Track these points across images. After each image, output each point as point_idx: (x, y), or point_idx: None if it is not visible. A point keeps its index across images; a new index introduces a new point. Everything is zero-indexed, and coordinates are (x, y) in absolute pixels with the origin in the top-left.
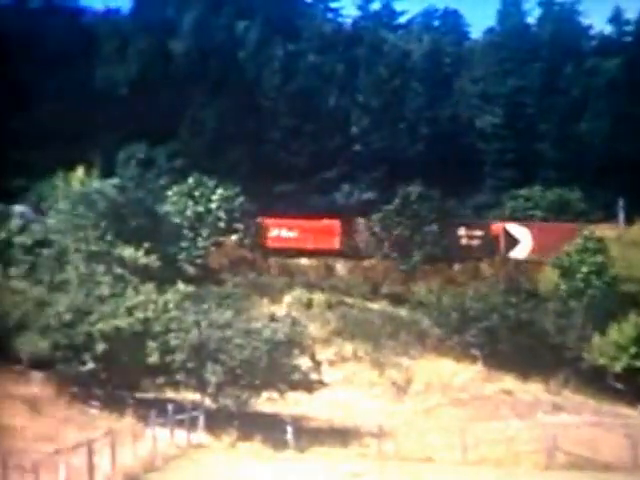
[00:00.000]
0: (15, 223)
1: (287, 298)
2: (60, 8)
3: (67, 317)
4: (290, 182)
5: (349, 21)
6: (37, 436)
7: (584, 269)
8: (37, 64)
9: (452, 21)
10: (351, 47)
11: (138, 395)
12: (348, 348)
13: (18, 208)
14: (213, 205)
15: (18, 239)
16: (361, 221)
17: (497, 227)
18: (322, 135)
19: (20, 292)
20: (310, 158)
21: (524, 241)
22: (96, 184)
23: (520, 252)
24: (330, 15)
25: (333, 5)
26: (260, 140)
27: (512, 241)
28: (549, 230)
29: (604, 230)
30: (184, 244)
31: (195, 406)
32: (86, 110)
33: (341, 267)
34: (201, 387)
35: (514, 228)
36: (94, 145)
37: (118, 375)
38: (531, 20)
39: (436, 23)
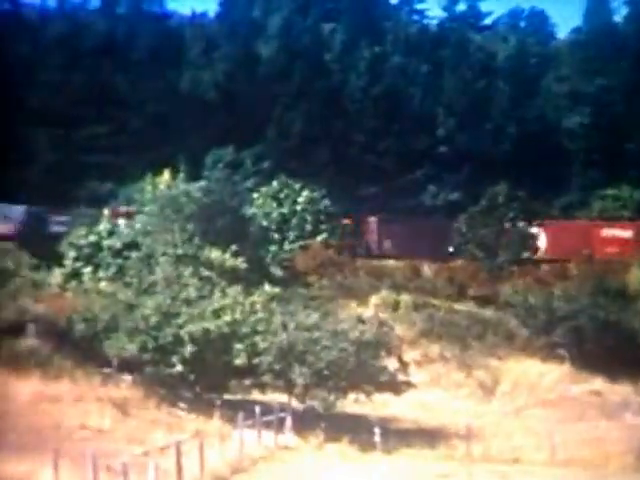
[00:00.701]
0: (104, 226)
1: (374, 299)
2: (148, 13)
3: (155, 320)
4: (376, 184)
5: (434, 22)
6: (126, 438)
7: None
8: (125, 69)
9: (538, 21)
10: (436, 48)
11: (226, 397)
12: (435, 349)
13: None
14: (299, 207)
15: (107, 242)
16: (372, 220)
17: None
18: (408, 136)
19: (109, 295)
20: (396, 160)
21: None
22: (183, 187)
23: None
24: (415, 17)
25: (418, 7)
26: (346, 142)
27: None
28: (564, 229)
29: None
30: (271, 246)
31: (282, 408)
32: (173, 114)
33: (427, 268)
34: (288, 389)
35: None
36: (181, 148)
37: (206, 377)
38: (618, 19)
39: (522, 23)
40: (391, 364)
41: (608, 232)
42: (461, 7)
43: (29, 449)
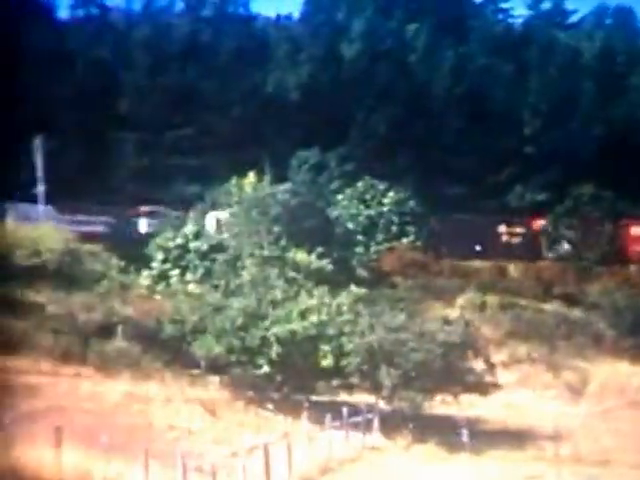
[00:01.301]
0: (190, 229)
1: (460, 300)
2: (233, 15)
3: (241, 321)
4: (461, 185)
5: (519, 21)
6: (215, 439)
7: None
8: (210, 71)
9: (624, 18)
10: (521, 48)
11: (313, 398)
12: (522, 350)
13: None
14: (385, 208)
15: (194, 244)
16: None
17: (536, 224)
18: (493, 137)
19: (196, 297)
20: (481, 160)
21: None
22: (269, 189)
23: (558, 252)
24: (500, 16)
25: (503, 6)
26: (430, 143)
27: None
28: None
29: None
30: (357, 248)
31: (370, 409)
32: (258, 116)
33: (514, 268)
34: (375, 390)
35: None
36: (266, 150)
37: (293, 378)
38: None
39: (608, 21)
40: (478, 365)
41: None
42: (546, 5)
43: (120, 449)
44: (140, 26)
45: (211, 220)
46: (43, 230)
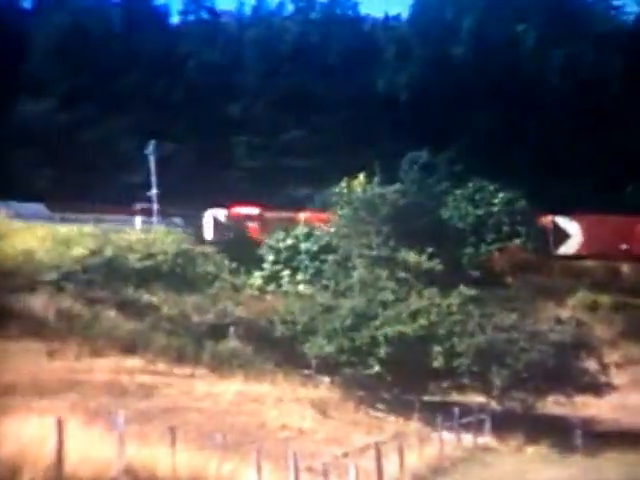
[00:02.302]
0: (301, 230)
1: (571, 300)
2: (341, 17)
3: (351, 322)
4: (574, 182)
5: (631, 18)
6: (326, 439)
7: None
8: (320, 73)
9: None
10: (634, 44)
11: (424, 398)
12: (635, 351)
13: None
14: (495, 209)
15: (304, 245)
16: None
17: (546, 220)
18: (606, 133)
19: (307, 297)
20: (594, 157)
21: (574, 236)
22: (378, 190)
23: (569, 248)
24: (612, 12)
25: (615, 3)
26: (541, 141)
27: (563, 235)
28: (601, 224)
29: None
30: (467, 248)
31: (481, 409)
32: (368, 117)
33: (627, 268)
34: (487, 390)
35: (563, 221)
36: (376, 151)
37: (403, 379)
38: None
39: None
40: (591, 365)
41: None
42: None
43: (233, 449)
44: (250, 29)
45: (209, 218)
46: (157, 233)
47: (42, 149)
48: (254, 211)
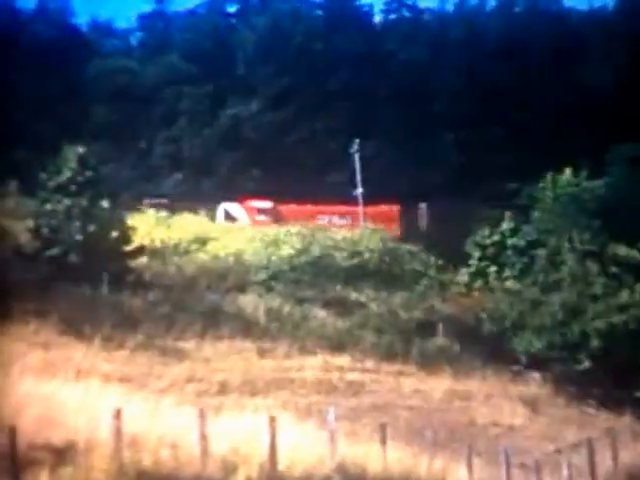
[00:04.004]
0: (507, 226)
1: None
2: (545, 11)
3: (561, 316)
4: None
5: None
6: (537, 435)
7: None
8: (522, 69)
9: None
10: None
11: (637, 394)
12: None
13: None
14: None
15: (511, 241)
16: (423, 206)
17: None
18: None
19: (515, 293)
20: None
21: None
22: (585, 184)
23: None
24: None
25: None
26: None
27: None
28: None
29: None
30: None
31: None
32: (572, 111)
33: None
34: None
35: None
36: (582, 146)
37: (614, 374)
38: None
39: None
40: None
41: None
42: None
43: (443, 445)
44: (453, 26)
45: (220, 211)
46: (362, 231)
47: (250, 150)
48: (266, 204)
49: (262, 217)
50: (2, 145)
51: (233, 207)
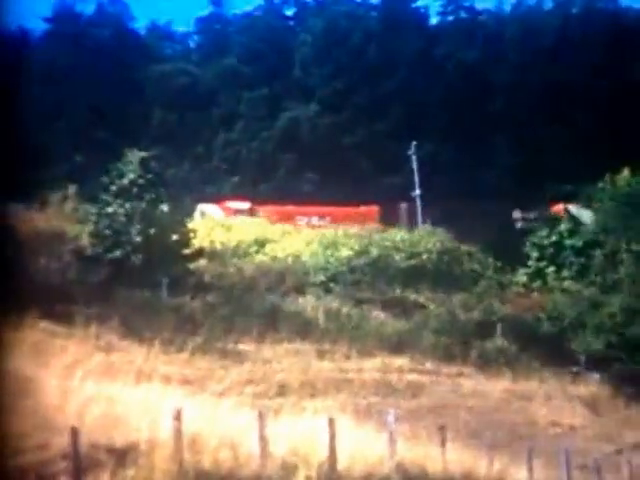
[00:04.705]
0: (565, 226)
1: None
2: (603, 10)
3: (620, 317)
4: None
5: None
6: (597, 436)
7: None
8: (576, 68)
9: None
10: None
11: None
12: None
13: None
14: None
15: (569, 241)
16: (403, 206)
17: (559, 208)
18: None
19: (573, 293)
20: None
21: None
22: None
23: None
24: None
25: None
26: None
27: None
28: None
29: None
30: None
31: None
32: (628, 109)
33: None
34: None
35: (577, 209)
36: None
37: None
38: None
39: None
40: None
41: None
42: None
43: (502, 446)
44: (510, 26)
45: (197, 212)
46: (420, 232)
47: (307, 152)
48: (244, 205)
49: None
50: (63, 150)
51: (210, 208)
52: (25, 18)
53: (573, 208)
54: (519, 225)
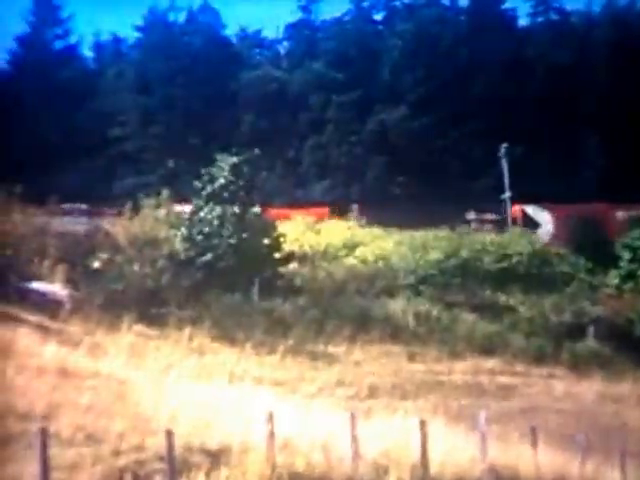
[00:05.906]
0: None
1: None
2: None
3: None
4: None
5: None
6: None
7: None
8: None
9: None
10: None
11: None
12: None
13: None
14: None
15: None
16: (355, 207)
17: (515, 209)
18: None
19: None
20: None
21: (545, 225)
22: None
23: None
24: None
25: None
26: None
27: (532, 225)
28: (573, 213)
29: None
30: None
31: None
32: None
33: None
34: None
35: (533, 210)
36: None
37: None
38: None
39: None
40: None
41: None
42: None
43: (595, 449)
44: (601, 27)
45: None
46: (511, 234)
47: (396, 156)
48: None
49: None
50: (156, 156)
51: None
52: (118, 27)
53: (530, 209)
54: (472, 226)
